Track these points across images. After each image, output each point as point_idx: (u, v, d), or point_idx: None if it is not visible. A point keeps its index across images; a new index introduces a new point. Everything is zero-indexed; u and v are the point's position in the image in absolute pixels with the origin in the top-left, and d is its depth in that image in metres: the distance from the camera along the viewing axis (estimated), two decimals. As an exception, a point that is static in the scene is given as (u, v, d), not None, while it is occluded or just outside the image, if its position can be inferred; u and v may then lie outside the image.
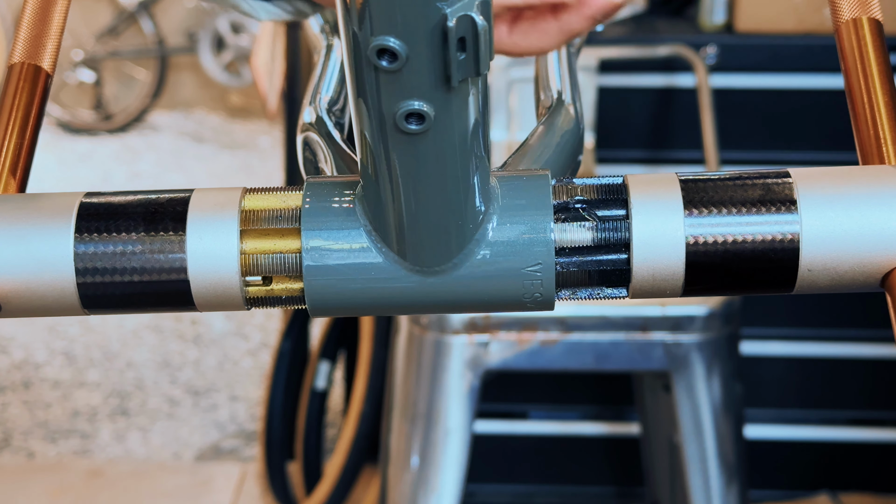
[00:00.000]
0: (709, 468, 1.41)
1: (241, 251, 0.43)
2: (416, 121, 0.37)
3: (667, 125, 1.93)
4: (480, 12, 0.35)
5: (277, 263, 0.43)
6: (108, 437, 2.61)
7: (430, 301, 0.44)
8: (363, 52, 0.36)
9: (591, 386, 2.06)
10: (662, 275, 0.42)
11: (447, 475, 1.39)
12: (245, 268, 0.43)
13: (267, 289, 0.44)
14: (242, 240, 0.43)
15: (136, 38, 5.47)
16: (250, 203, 0.44)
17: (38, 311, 0.44)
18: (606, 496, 2.15)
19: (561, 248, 0.43)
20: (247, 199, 0.44)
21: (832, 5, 0.49)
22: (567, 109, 0.58)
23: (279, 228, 0.43)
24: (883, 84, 0.46)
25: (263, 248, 0.43)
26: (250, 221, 0.43)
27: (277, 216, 0.43)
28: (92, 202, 0.43)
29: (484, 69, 0.36)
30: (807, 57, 1.86)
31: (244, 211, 0.43)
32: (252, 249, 0.43)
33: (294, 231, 0.43)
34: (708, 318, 1.39)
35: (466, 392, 1.39)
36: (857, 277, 0.42)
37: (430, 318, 1.39)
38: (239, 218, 0.43)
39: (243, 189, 0.44)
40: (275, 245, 0.43)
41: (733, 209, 0.42)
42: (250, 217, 0.43)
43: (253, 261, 0.43)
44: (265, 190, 0.44)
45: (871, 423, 2.10)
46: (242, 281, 0.43)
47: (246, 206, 0.43)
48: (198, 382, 2.87)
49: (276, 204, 0.44)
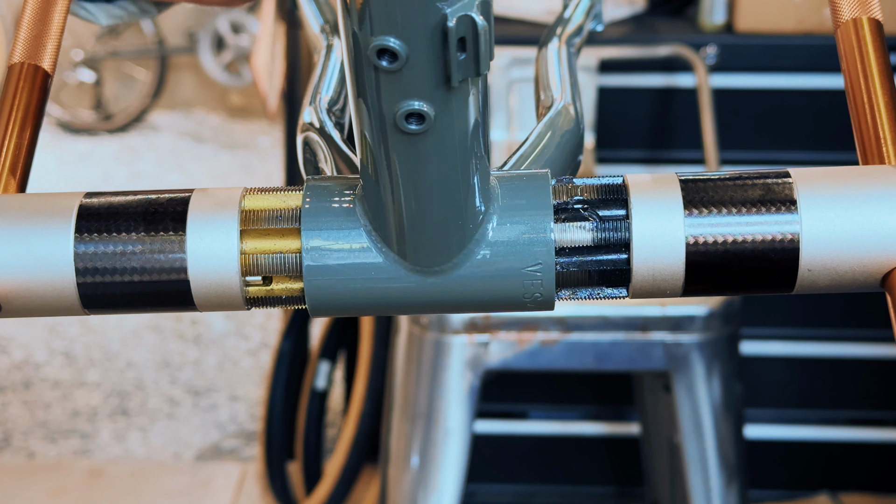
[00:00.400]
0: (709, 468, 1.41)
1: (242, 251, 0.43)
2: (416, 121, 0.37)
3: (667, 125, 1.93)
4: (481, 12, 0.35)
5: (277, 263, 0.43)
6: (108, 437, 2.61)
7: (430, 301, 0.44)
8: (363, 53, 0.36)
9: (591, 386, 2.06)
10: (662, 275, 0.43)
11: (447, 475, 1.39)
12: (245, 268, 0.43)
13: (267, 289, 0.44)
14: (242, 240, 0.43)
15: (136, 38, 5.47)
16: (250, 203, 0.44)
17: (39, 312, 0.44)
18: (606, 496, 2.15)
19: (561, 248, 0.43)
20: (247, 199, 0.44)
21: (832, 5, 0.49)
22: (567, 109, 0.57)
23: (279, 228, 0.43)
24: (883, 84, 0.46)
25: (263, 249, 0.43)
26: (250, 221, 0.43)
27: (277, 216, 0.43)
28: (92, 202, 0.43)
29: (484, 69, 0.36)
30: (807, 57, 1.86)
31: (244, 211, 0.43)
32: (252, 249, 0.43)
33: (294, 231, 0.43)
34: (708, 318, 1.39)
35: (466, 392, 1.39)
36: (857, 277, 0.42)
37: (430, 317, 1.39)
38: (239, 218, 0.43)
39: (243, 189, 0.44)
40: (275, 245, 0.43)
41: (733, 209, 0.42)
42: (250, 217, 0.43)
43: (253, 261, 0.43)
44: (265, 190, 0.44)
45: (871, 423, 2.10)
46: (243, 281, 0.43)
47: (246, 207, 0.43)
48: (198, 382, 2.87)
49: (276, 204, 0.44)
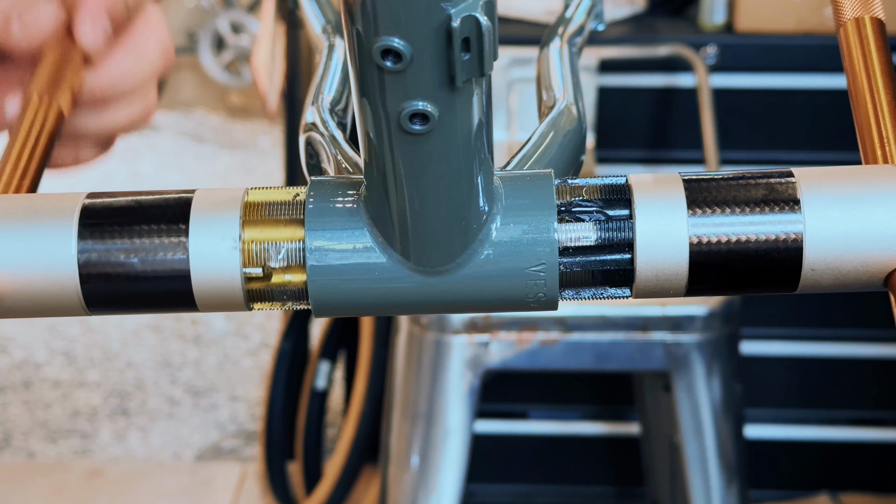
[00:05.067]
0: (709, 468, 1.41)
1: (244, 252, 0.43)
2: (420, 121, 0.37)
3: (667, 125, 1.93)
4: (485, 12, 0.35)
5: (280, 264, 0.43)
6: (108, 437, 2.61)
7: (433, 301, 0.44)
8: (367, 53, 0.36)
9: (591, 386, 2.06)
10: (666, 275, 0.42)
11: (447, 475, 1.39)
12: (248, 268, 0.43)
13: (270, 289, 0.44)
14: (245, 240, 0.43)
15: (136, 38, 5.46)
16: (252, 204, 0.44)
17: (41, 312, 0.44)
18: (606, 496, 2.15)
19: (564, 248, 0.43)
20: (249, 200, 0.44)
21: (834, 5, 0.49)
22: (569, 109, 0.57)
23: (282, 228, 0.43)
24: (886, 83, 0.46)
25: (266, 249, 0.43)
26: (253, 222, 0.43)
27: (280, 216, 0.43)
28: (94, 203, 0.43)
29: (488, 69, 0.36)
30: (807, 57, 1.86)
31: (246, 212, 0.43)
32: (255, 250, 0.43)
33: (297, 231, 0.43)
34: (708, 318, 1.39)
35: (466, 392, 1.39)
36: (860, 277, 0.42)
37: (430, 317, 1.38)
38: (241, 219, 0.43)
39: (245, 189, 0.44)
40: (278, 245, 0.43)
41: (737, 209, 0.42)
42: (253, 217, 0.43)
43: (256, 261, 0.43)
44: (268, 190, 0.44)
45: (871, 423, 2.10)
46: (245, 281, 0.43)
47: (248, 207, 0.43)
48: (198, 382, 2.87)
49: (278, 205, 0.44)
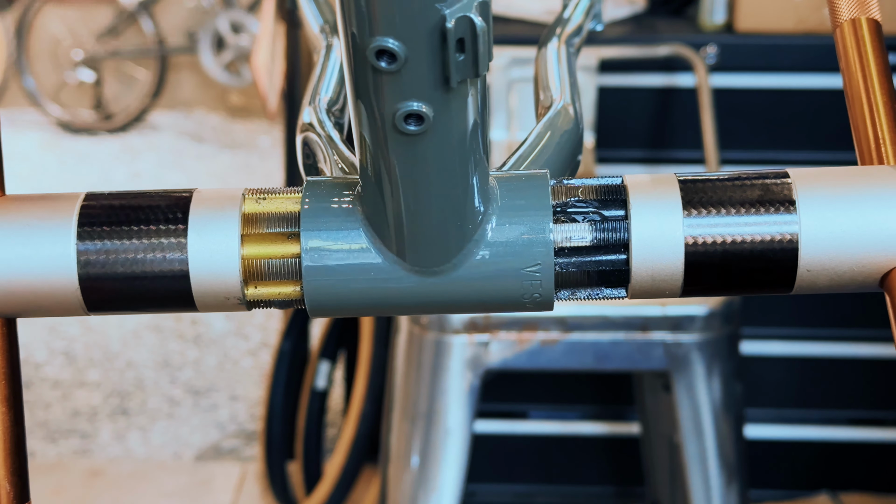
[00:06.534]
0: (709, 468, 1.41)
1: (242, 252, 0.43)
2: (415, 122, 0.38)
3: (667, 125, 1.93)
4: (479, 13, 0.35)
5: (277, 264, 0.43)
6: (108, 436, 2.61)
7: (429, 301, 0.44)
8: (362, 53, 0.36)
9: (591, 386, 2.06)
10: (661, 275, 0.43)
11: (447, 475, 1.39)
12: (246, 269, 0.43)
13: (267, 289, 0.44)
14: (243, 241, 0.43)
15: (136, 38, 5.47)
16: (251, 204, 0.44)
17: (41, 312, 0.44)
18: (606, 496, 2.15)
19: (560, 249, 0.43)
20: (247, 200, 0.44)
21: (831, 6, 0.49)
22: (566, 109, 0.57)
23: (279, 229, 0.43)
24: (882, 84, 0.46)
25: (264, 249, 0.43)
26: (251, 222, 0.43)
27: (277, 217, 0.43)
28: (93, 204, 0.43)
29: (483, 70, 0.37)
30: (807, 57, 1.86)
31: (245, 212, 0.43)
32: (252, 250, 0.43)
33: (294, 232, 0.43)
34: (708, 318, 1.39)
35: (466, 392, 1.39)
36: (856, 278, 0.42)
37: (430, 317, 1.38)
38: (240, 219, 0.43)
39: (244, 190, 0.44)
40: (275, 246, 0.43)
41: (732, 210, 0.42)
42: (251, 218, 0.43)
43: (253, 262, 0.43)
44: (265, 191, 0.44)
45: (871, 423, 2.10)
46: (243, 282, 0.43)
47: (246, 207, 0.44)
48: (198, 382, 2.87)
49: (276, 205, 0.44)
